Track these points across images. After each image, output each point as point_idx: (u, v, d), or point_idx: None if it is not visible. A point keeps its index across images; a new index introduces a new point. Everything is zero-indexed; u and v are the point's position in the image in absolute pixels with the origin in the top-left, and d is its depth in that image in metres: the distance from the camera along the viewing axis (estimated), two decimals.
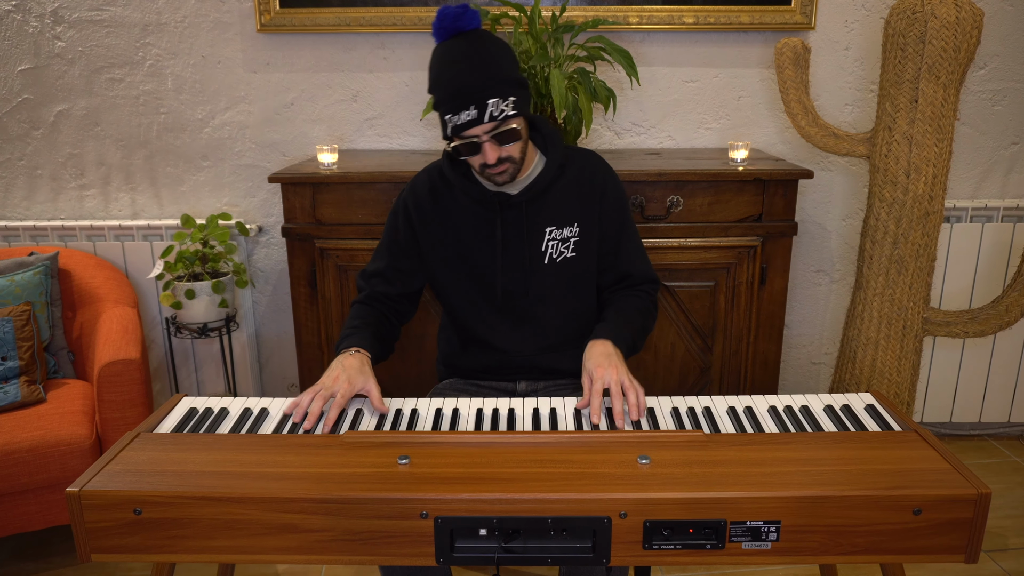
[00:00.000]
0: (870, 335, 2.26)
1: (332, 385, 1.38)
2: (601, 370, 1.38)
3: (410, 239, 1.63)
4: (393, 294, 1.65)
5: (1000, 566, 2.09)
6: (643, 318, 1.61)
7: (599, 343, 1.46)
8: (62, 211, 2.61)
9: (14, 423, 1.95)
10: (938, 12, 1.98)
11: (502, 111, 1.41)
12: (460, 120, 1.42)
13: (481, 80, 1.40)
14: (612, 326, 1.52)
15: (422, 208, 1.62)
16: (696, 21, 2.41)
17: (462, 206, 1.59)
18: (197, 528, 1.10)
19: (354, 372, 1.41)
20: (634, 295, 1.64)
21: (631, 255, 1.64)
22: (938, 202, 2.14)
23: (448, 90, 1.42)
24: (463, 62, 1.42)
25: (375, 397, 1.39)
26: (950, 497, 1.08)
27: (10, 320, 2.10)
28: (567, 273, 1.60)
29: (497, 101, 1.41)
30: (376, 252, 1.68)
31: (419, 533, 1.09)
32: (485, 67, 1.41)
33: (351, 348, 1.48)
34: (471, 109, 1.40)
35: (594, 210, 1.59)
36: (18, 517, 1.94)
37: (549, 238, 1.58)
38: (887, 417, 1.35)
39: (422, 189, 1.63)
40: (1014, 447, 2.70)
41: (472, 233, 1.59)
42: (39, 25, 2.44)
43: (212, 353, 2.63)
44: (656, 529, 1.09)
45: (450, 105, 1.42)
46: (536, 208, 1.57)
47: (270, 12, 2.40)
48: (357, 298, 1.67)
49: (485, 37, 1.46)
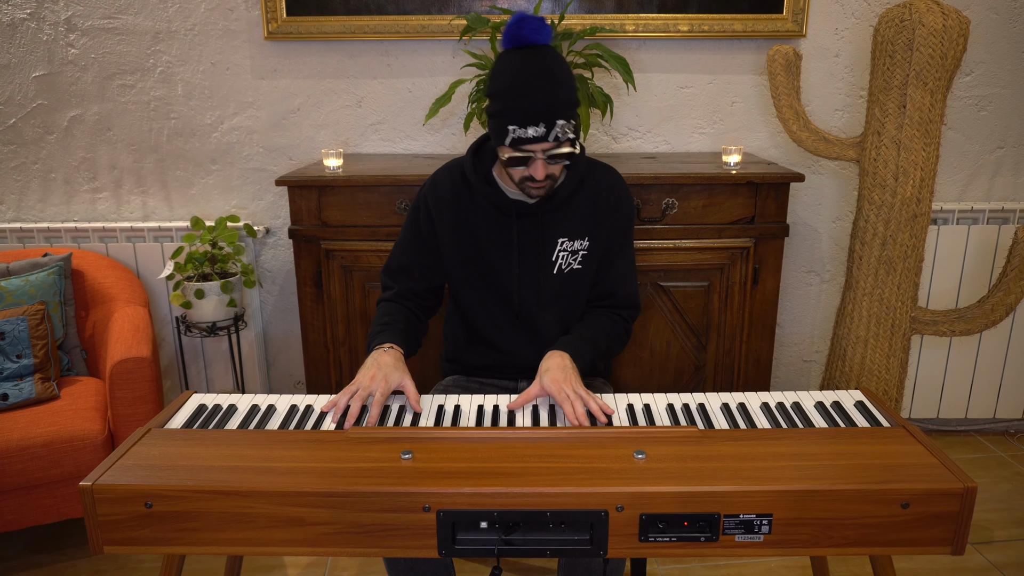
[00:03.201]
0: (859, 334, 2.26)
1: (370, 384, 1.38)
2: (557, 384, 1.38)
3: (431, 234, 1.62)
4: (419, 289, 1.64)
5: (986, 558, 2.09)
6: (609, 342, 1.60)
7: (556, 355, 1.45)
8: (75, 213, 2.61)
9: (29, 419, 1.95)
10: (926, 20, 1.98)
11: (565, 133, 1.39)
12: (527, 134, 1.38)
13: (555, 100, 1.38)
14: (575, 341, 1.52)
15: (442, 206, 1.59)
16: (690, 29, 2.41)
17: (481, 209, 1.57)
18: (206, 521, 1.10)
19: (390, 369, 1.41)
20: (610, 318, 1.62)
21: (621, 276, 1.63)
22: (925, 204, 2.14)
23: (521, 102, 1.38)
24: (542, 78, 1.38)
25: (412, 396, 1.39)
26: (937, 491, 1.08)
27: (25, 319, 2.10)
28: (572, 284, 1.60)
29: (563, 124, 1.39)
30: (398, 247, 1.66)
31: (422, 526, 1.10)
32: (560, 88, 1.39)
33: (384, 344, 1.48)
34: (540, 126, 1.37)
35: (605, 226, 1.59)
36: (33, 510, 1.95)
37: (560, 249, 1.57)
38: (876, 413, 1.35)
39: (443, 187, 1.60)
40: (999, 442, 2.70)
41: (488, 236, 1.57)
42: (53, 33, 2.44)
43: (221, 351, 2.63)
44: (652, 522, 1.09)
45: (519, 116, 1.38)
46: (552, 219, 1.56)
47: (277, 20, 2.40)
48: (384, 295, 1.65)
49: (558, 56, 1.43)
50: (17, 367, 2.07)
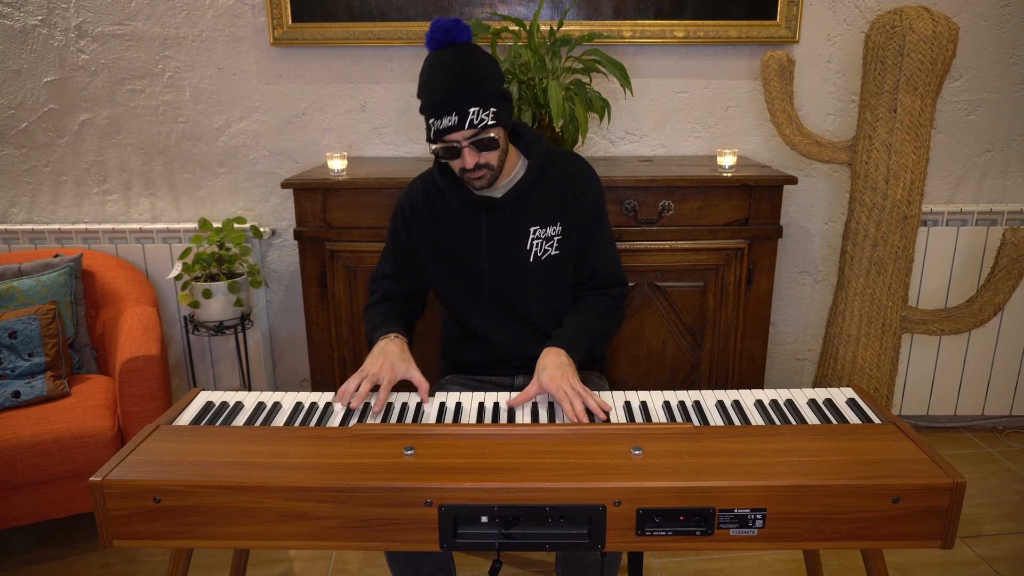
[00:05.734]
0: (851, 332, 2.26)
1: (378, 372, 1.41)
2: (555, 382, 1.38)
3: (410, 240, 1.65)
4: (403, 293, 1.67)
5: (975, 551, 2.09)
6: (604, 325, 1.60)
7: (552, 352, 1.45)
8: (86, 215, 2.61)
9: (40, 416, 1.95)
10: (916, 27, 1.98)
11: (482, 120, 1.42)
12: (442, 125, 1.43)
13: (464, 89, 1.41)
14: (569, 333, 1.52)
15: (417, 212, 1.63)
16: (686, 35, 2.41)
17: (452, 209, 1.60)
18: (213, 515, 1.10)
19: (396, 359, 1.44)
20: (598, 299, 1.63)
21: (602, 255, 1.63)
22: (916, 207, 2.14)
23: (433, 96, 1.43)
24: (449, 71, 1.43)
25: (421, 386, 1.43)
26: (927, 486, 1.08)
27: (36, 319, 2.10)
28: (552, 270, 1.60)
29: (478, 110, 1.42)
30: (382, 257, 1.70)
31: (424, 520, 1.09)
32: (469, 77, 1.42)
33: (389, 334, 1.50)
34: (452, 115, 1.42)
35: (574, 209, 1.60)
36: (44, 505, 1.95)
37: (533, 237, 1.58)
38: (867, 410, 1.35)
39: (417, 194, 1.64)
40: (988, 439, 2.70)
41: (461, 234, 1.60)
42: (64, 39, 2.44)
43: (228, 350, 2.62)
44: (648, 516, 1.09)
45: (434, 110, 1.44)
46: (519, 209, 1.58)
47: (283, 27, 2.40)
48: (371, 301, 1.68)
49: (473, 50, 1.47)
50: (29, 365, 2.07)
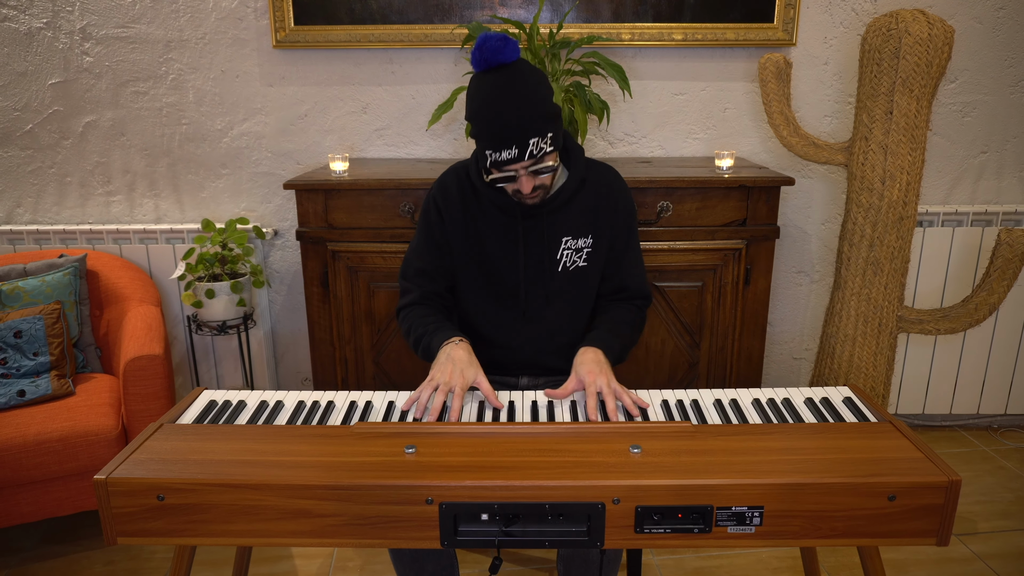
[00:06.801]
0: (848, 332, 2.26)
1: (449, 380, 1.35)
2: (592, 376, 1.37)
3: (444, 234, 1.60)
4: (440, 290, 1.62)
5: (970, 549, 2.09)
6: (632, 331, 1.60)
7: (590, 351, 1.45)
8: (90, 216, 2.61)
9: (45, 415, 1.95)
10: (912, 29, 1.98)
11: (541, 148, 1.38)
12: (501, 157, 1.38)
13: (523, 119, 1.35)
14: (604, 335, 1.51)
15: (451, 205, 1.58)
16: (684, 38, 2.41)
17: (486, 211, 1.57)
18: (216, 513, 1.10)
19: (465, 364, 1.39)
20: (627, 308, 1.62)
21: (631, 269, 1.63)
22: (912, 207, 2.14)
23: (491, 128, 1.37)
24: (505, 100, 1.36)
25: (489, 393, 1.37)
26: (923, 484, 1.08)
27: (41, 318, 2.10)
28: (577, 282, 1.59)
29: (537, 140, 1.37)
30: (413, 252, 1.63)
31: (425, 518, 1.09)
32: (526, 105, 1.36)
33: (452, 339, 1.45)
34: (512, 149, 1.37)
35: (607, 223, 1.58)
36: (49, 502, 1.95)
37: (564, 247, 1.56)
38: (863, 409, 1.35)
39: (451, 189, 1.59)
40: (983, 437, 2.70)
41: (495, 237, 1.56)
42: (69, 41, 2.44)
43: (231, 349, 2.62)
44: (647, 514, 1.09)
45: (491, 142, 1.38)
46: (555, 218, 1.56)
47: (285, 29, 2.40)
48: (408, 300, 1.61)
49: (525, 70, 1.40)
50: (34, 364, 2.07)
